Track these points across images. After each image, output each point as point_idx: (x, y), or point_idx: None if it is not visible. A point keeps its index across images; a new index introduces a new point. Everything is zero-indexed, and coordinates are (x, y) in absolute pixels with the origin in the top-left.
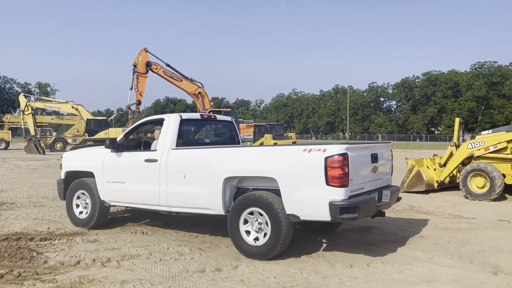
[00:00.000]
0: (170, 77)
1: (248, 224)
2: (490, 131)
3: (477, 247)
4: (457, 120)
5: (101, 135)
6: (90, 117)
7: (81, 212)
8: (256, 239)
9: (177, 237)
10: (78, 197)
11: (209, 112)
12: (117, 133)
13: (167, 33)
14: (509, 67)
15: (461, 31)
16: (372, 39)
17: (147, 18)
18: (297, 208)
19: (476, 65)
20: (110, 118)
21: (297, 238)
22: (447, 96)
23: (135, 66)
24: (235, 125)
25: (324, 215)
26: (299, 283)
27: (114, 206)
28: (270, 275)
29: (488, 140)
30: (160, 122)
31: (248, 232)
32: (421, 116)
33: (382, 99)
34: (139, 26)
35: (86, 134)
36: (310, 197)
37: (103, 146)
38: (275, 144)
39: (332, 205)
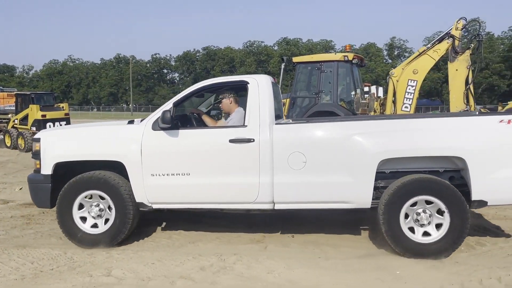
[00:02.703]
0: None
1: (409, 216)
2: None
3: None
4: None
5: None
6: None
7: (93, 224)
8: (425, 234)
9: None
10: (85, 200)
11: None
12: None
13: None
14: (273, 47)
15: (236, 9)
16: (150, 10)
17: None
18: (487, 192)
19: (248, 44)
20: None
21: None
22: (224, 70)
23: None
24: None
25: None
26: (61, 264)
27: (159, 209)
28: (27, 261)
29: None
30: (238, 87)
31: (407, 223)
32: None
33: (165, 70)
34: None
35: None
36: (508, 177)
37: (125, 122)
38: (44, 116)
39: None
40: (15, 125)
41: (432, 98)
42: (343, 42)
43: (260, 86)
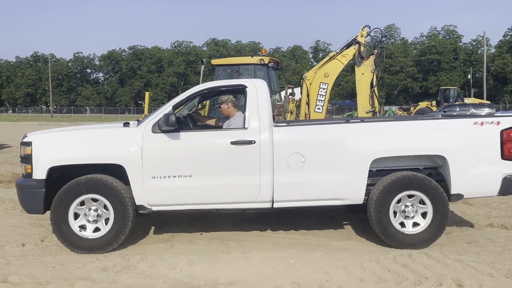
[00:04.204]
0: None
1: (398, 210)
2: None
3: None
4: (146, 94)
5: None
6: None
7: (94, 229)
8: (412, 225)
9: None
10: (79, 206)
11: None
12: None
13: None
14: (202, 48)
15: (162, 9)
16: (69, 6)
17: None
18: (463, 187)
19: (176, 44)
20: None
21: None
22: (152, 70)
23: None
24: None
25: (492, 191)
26: None
27: (159, 211)
28: None
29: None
30: (236, 90)
31: (394, 216)
32: (129, 89)
33: (89, 70)
34: None
35: None
36: (481, 173)
37: (120, 124)
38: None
39: (507, 180)
40: None
41: (354, 99)
42: (271, 44)
43: (258, 90)
